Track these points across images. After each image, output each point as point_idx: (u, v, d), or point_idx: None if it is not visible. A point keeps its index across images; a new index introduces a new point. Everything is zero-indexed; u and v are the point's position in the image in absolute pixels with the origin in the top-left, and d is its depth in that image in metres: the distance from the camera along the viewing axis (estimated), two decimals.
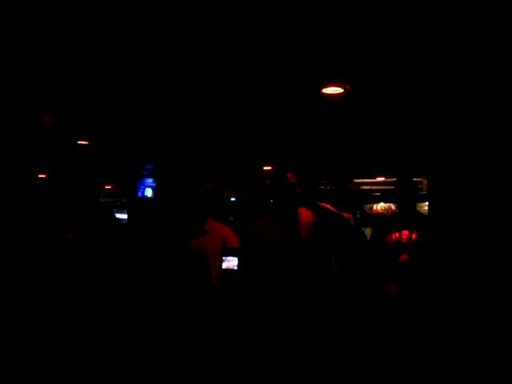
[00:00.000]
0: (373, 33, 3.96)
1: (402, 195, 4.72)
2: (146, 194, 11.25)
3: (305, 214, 3.71)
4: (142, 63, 4.87)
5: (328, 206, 3.58)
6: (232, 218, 8.66)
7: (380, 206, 11.05)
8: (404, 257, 4.31)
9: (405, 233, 4.55)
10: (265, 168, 11.37)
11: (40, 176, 10.58)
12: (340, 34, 4.02)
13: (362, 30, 3.91)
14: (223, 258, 3.25)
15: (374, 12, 3.60)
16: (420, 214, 4.73)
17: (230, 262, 3.21)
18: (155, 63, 4.88)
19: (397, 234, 4.57)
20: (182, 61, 4.81)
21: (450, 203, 2.80)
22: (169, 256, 3.48)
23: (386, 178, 11.84)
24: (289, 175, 3.75)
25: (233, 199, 14.16)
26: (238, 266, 3.17)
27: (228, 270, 3.23)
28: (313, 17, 3.69)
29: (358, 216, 10.30)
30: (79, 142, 8.45)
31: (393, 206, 10.83)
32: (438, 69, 3.80)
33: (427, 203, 4.76)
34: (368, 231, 7.71)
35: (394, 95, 5.56)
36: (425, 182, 12.39)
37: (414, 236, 4.46)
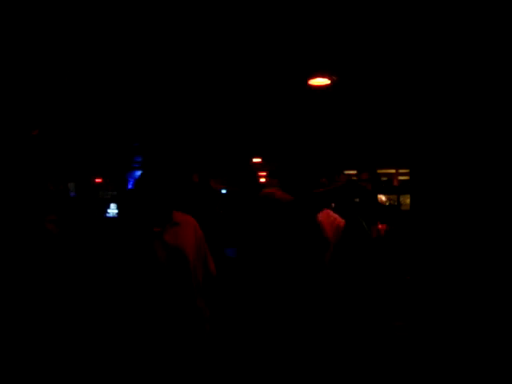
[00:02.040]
0: (361, 24, 3.97)
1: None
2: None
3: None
4: (132, 58, 4.86)
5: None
6: (221, 211, 8.65)
7: None
8: None
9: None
10: (254, 160, 11.40)
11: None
12: (327, 25, 4.02)
13: (349, 21, 3.92)
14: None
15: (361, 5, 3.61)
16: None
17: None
18: (145, 58, 4.87)
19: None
20: (171, 55, 4.80)
21: (432, 195, 2.80)
22: (147, 250, 3.42)
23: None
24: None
25: (223, 191, 14.17)
26: (237, 254, 3.15)
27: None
28: (299, 9, 3.70)
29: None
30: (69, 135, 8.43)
31: (383, 198, 10.90)
32: (424, 64, 3.82)
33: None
34: None
35: (382, 88, 5.57)
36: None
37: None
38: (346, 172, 11.92)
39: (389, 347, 3.11)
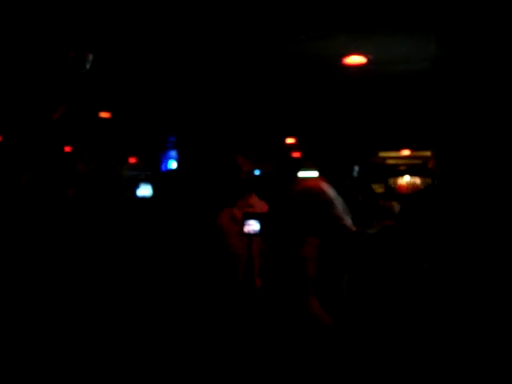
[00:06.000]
0: None
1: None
2: (170, 166, 11.27)
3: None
4: (167, 35, 4.84)
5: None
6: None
7: (405, 181, 10.92)
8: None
9: None
10: (288, 141, 11.30)
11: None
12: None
13: None
14: (244, 221, 3.10)
15: None
16: None
17: (251, 226, 3.06)
18: (180, 35, 4.84)
19: None
20: (207, 34, 4.77)
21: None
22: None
23: (411, 151, 11.65)
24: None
25: (257, 173, 14.10)
26: (261, 229, 3.04)
27: (249, 234, 3.08)
28: None
29: (383, 190, 10.16)
30: (101, 114, 8.50)
31: (418, 181, 10.65)
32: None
33: None
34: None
35: (418, 65, 5.43)
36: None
37: None
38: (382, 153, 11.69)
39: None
